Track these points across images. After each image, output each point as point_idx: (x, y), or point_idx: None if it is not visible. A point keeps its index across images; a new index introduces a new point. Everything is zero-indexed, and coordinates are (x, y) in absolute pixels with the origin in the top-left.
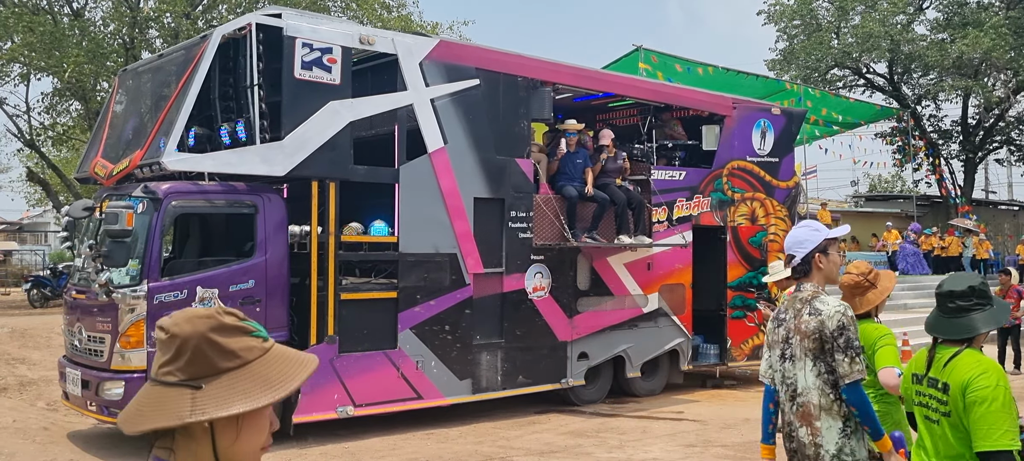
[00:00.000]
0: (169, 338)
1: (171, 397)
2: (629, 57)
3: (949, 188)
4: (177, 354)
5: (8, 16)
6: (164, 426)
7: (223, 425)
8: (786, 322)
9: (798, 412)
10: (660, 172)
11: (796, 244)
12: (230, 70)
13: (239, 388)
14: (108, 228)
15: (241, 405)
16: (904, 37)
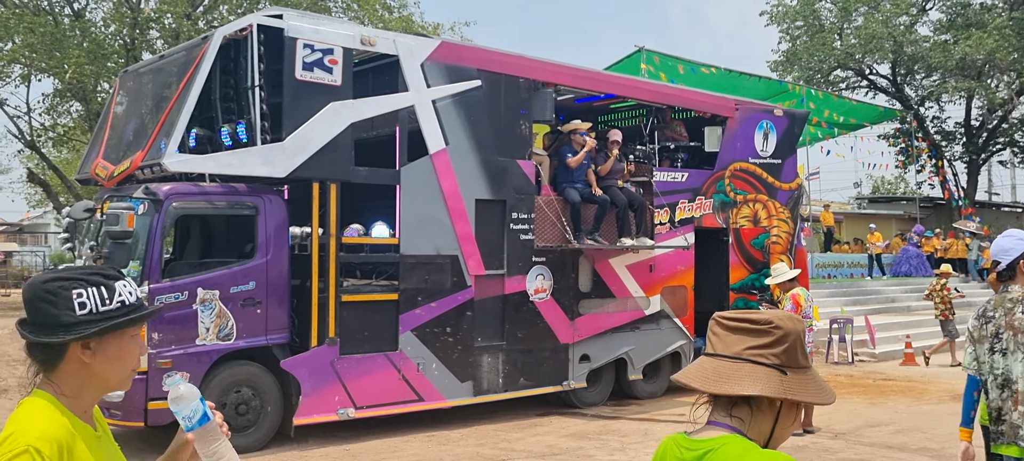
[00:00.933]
0: (772, 328)
1: (764, 374)
2: (631, 58)
3: (952, 190)
4: (776, 342)
5: (9, 17)
6: (762, 394)
7: (787, 409)
8: (995, 319)
9: (1011, 398)
10: (662, 173)
11: (1002, 252)
12: (231, 71)
13: (810, 385)
14: (109, 229)
15: (813, 397)
16: (907, 38)
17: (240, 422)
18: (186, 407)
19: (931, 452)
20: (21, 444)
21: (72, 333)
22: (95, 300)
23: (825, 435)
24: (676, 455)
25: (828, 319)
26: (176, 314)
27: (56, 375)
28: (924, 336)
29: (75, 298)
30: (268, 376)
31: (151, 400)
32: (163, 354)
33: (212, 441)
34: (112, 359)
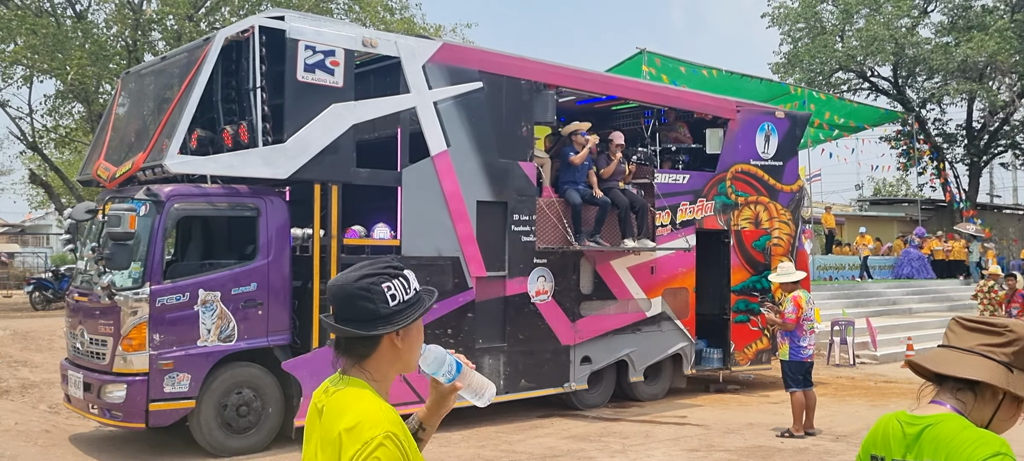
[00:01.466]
0: (1007, 331)
1: (992, 367)
2: (632, 60)
3: (953, 192)
4: (1008, 343)
5: (11, 18)
6: (987, 381)
7: (1008, 403)
8: None
9: None
10: (663, 175)
11: None
12: (232, 73)
13: None
14: (111, 230)
15: None
16: (909, 40)
17: (241, 423)
18: (443, 365)
19: None
20: (378, 432)
21: (391, 324)
22: (401, 291)
23: (827, 437)
24: (897, 429)
25: (829, 321)
26: (177, 315)
27: (369, 363)
28: (925, 338)
29: (387, 292)
30: (269, 377)
31: (152, 401)
32: (164, 355)
33: (471, 379)
34: (413, 343)
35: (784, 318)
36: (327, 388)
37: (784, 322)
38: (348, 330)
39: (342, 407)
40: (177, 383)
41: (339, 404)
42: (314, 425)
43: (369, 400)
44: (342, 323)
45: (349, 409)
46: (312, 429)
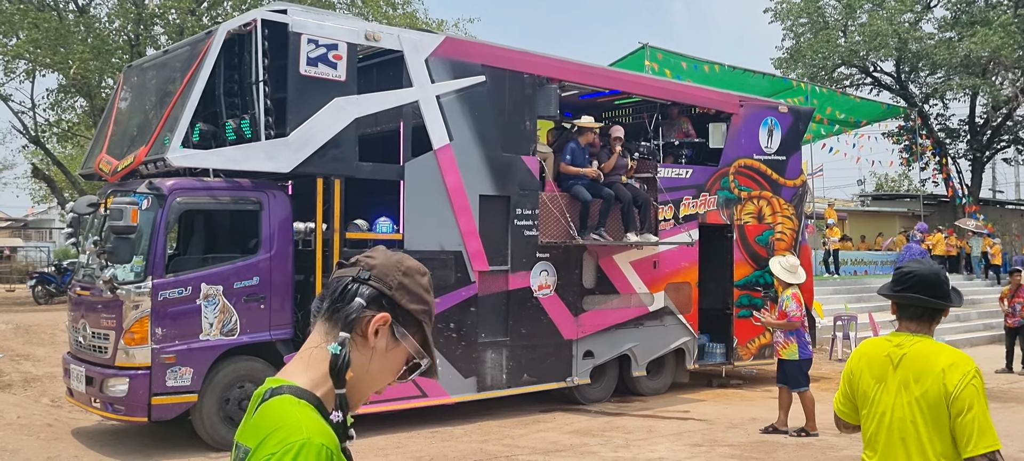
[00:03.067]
0: None
1: None
2: (635, 55)
3: (956, 187)
4: None
5: (13, 12)
6: None
7: None
8: None
9: None
10: (666, 170)
11: None
12: (235, 66)
13: None
14: (113, 224)
15: None
16: (912, 35)
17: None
18: None
19: None
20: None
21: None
22: None
23: (830, 432)
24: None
25: (832, 316)
26: (180, 309)
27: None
28: None
29: None
30: (272, 372)
31: (154, 395)
32: (167, 349)
33: None
34: None
35: (790, 317)
36: (899, 341)
37: (791, 321)
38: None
39: (930, 352)
40: (179, 377)
41: (925, 350)
42: (887, 369)
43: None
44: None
45: (940, 352)
46: (884, 371)
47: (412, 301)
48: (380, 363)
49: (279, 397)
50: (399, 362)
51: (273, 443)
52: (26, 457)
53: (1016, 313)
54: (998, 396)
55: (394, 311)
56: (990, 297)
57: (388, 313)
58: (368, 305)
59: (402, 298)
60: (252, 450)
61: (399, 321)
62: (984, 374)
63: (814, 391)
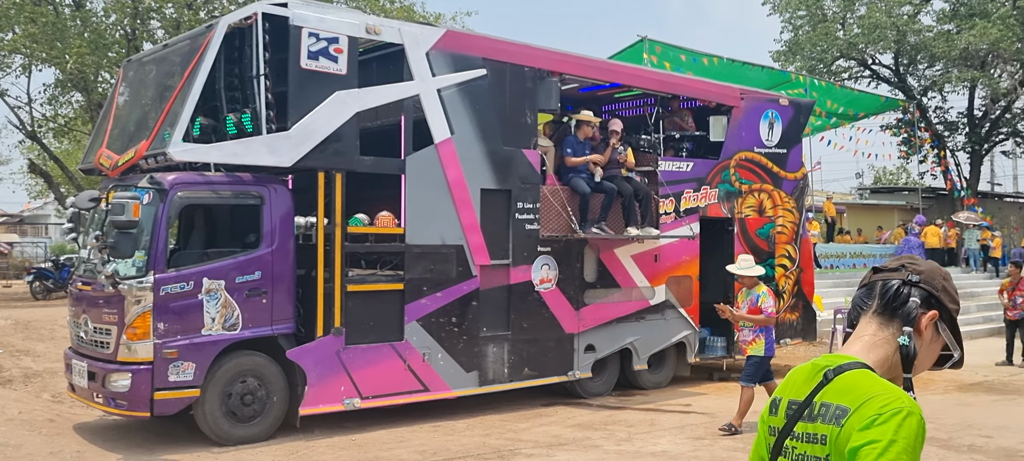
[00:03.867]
0: None
1: None
2: (634, 48)
3: (954, 180)
4: None
5: (9, 7)
6: None
7: None
8: None
9: None
10: (667, 163)
11: None
12: (235, 60)
13: None
14: (114, 219)
15: None
16: (910, 28)
17: (246, 412)
18: None
19: (939, 442)
20: None
21: None
22: None
23: None
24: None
25: (832, 309)
26: (181, 304)
27: None
28: None
29: None
30: (274, 366)
31: (157, 390)
32: (169, 344)
33: None
34: None
35: (767, 313)
36: None
37: (769, 317)
38: None
39: None
40: (182, 372)
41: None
42: None
43: None
44: None
45: None
46: None
47: (950, 301)
48: (925, 352)
49: (859, 371)
50: (936, 352)
51: (878, 404)
52: (29, 452)
53: (1016, 306)
54: (999, 389)
55: (938, 310)
56: (989, 290)
57: (936, 311)
58: (921, 304)
59: (944, 299)
60: (852, 409)
61: (942, 318)
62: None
63: None
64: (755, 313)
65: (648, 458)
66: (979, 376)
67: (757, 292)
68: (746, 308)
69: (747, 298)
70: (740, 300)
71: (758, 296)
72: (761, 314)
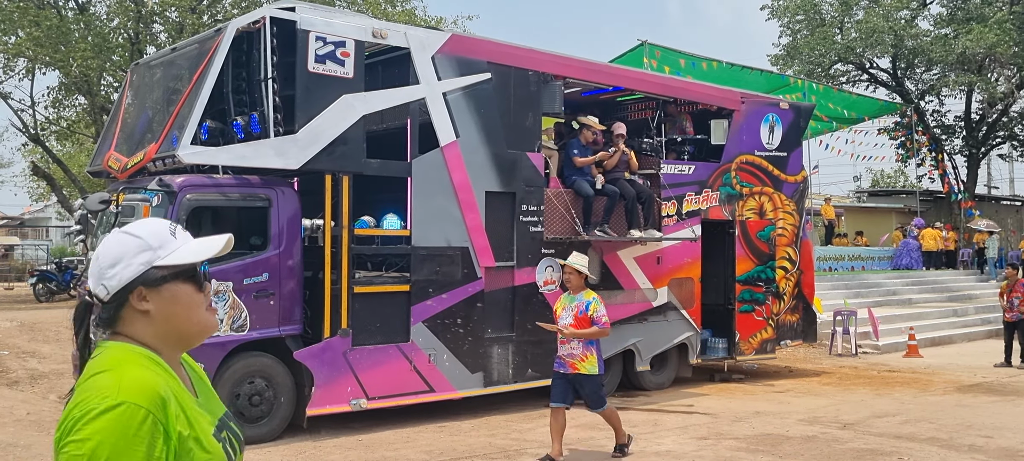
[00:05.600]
0: None
1: None
2: (634, 52)
3: (952, 183)
4: None
5: (13, 10)
6: None
7: None
8: None
9: None
10: (669, 166)
11: None
12: (243, 63)
13: None
14: (124, 221)
15: None
16: (908, 32)
17: (253, 413)
18: None
19: (940, 442)
20: None
21: None
22: None
23: (834, 425)
24: None
25: (832, 311)
26: None
27: None
28: (927, 328)
29: None
30: (281, 367)
31: None
32: None
33: None
34: None
35: (601, 324)
36: None
37: (603, 328)
38: None
39: None
40: None
41: None
42: None
43: None
44: None
45: None
46: None
47: None
48: None
49: None
50: None
51: None
52: (39, 453)
53: (1014, 307)
54: (998, 390)
55: None
56: (986, 292)
57: None
58: None
59: None
60: None
61: None
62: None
63: (816, 385)
64: (585, 324)
65: (652, 458)
66: (978, 377)
67: (586, 298)
68: (570, 317)
69: (571, 305)
70: (559, 308)
71: (587, 303)
72: (593, 326)
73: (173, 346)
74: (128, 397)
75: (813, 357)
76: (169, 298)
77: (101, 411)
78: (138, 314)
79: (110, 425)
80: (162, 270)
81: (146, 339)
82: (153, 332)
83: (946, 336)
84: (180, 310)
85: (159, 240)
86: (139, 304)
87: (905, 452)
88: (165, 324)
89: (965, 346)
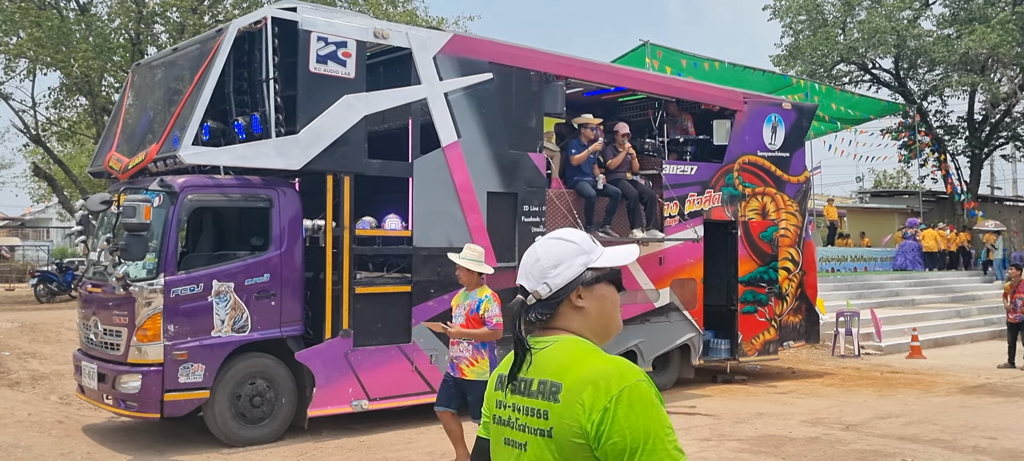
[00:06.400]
0: None
1: None
2: (636, 52)
3: (954, 184)
4: None
5: (14, 11)
6: None
7: None
8: None
9: None
10: (671, 167)
11: None
12: (245, 64)
13: None
14: (126, 221)
15: None
16: (910, 32)
17: (255, 414)
18: None
19: (944, 443)
20: None
21: None
22: None
23: (837, 426)
24: None
25: (834, 312)
26: (191, 306)
27: None
28: (930, 329)
29: None
30: (282, 368)
31: (167, 392)
32: (179, 346)
33: None
34: None
35: (493, 324)
36: None
37: (495, 329)
38: None
39: None
40: (191, 373)
41: None
42: None
43: None
44: None
45: None
46: None
47: None
48: None
49: None
50: None
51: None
52: (40, 454)
53: (1017, 309)
54: (1001, 391)
55: None
56: (990, 293)
57: None
58: None
59: None
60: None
61: None
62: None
63: (819, 386)
64: (476, 324)
65: None
66: (982, 378)
67: (479, 296)
68: (462, 316)
69: (464, 302)
70: (454, 305)
71: (479, 301)
72: (484, 326)
73: (597, 339)
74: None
75: (816, 358)
76: (599, 297)
77: (642, 376)
78: (574, 310)
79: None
80: (595, 272)
81: (581, 332)
82: (585, 326)
83: (949, 337)
84: (607, 308)
85: (589, 246)
86: (577, 301)
87: (908, 453)
88: (595, 320)
89: (968, 347)
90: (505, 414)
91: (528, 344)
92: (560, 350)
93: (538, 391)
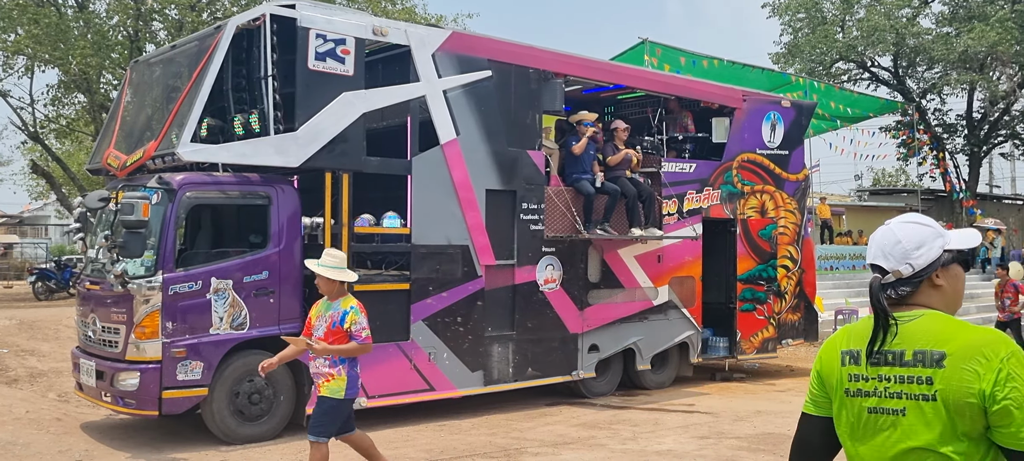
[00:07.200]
0: None
1: None
2: (635, 50)
3: (953, 182)
4: None
5: (12, 8)
6: None
7: None
8: None
9: None
10: (670, 164)
11: None
12: (243, 61)
13: None
14: (124, 219)
15: None
16: (909, 31)
17: (253, 411)
18: None
19: None
20: None
21: None
22: None
23: None
24: None
25: (833, 310)
26: (190, 304)
27: None
28: None
29: None
30: (281, 366)
31: (165, 389)
32: (177, 343)
33: None
34: None
35: (362, 338)
36: None
37: (364, 344)
38: None
39: None
40: (190, 371)
41: None
42: None
43: None
44: None
45: None
46: None
47: None
48: None
49: None
50: None
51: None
52: (37, 451)
53: (1006, 308)
54: None
55: None
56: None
57: None
58: None
59: None
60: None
61: None
62: None
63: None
64: (341, 339)
65: (653, 457)
66: None
67: (343, 307)
68: (322, 328)
69: (326, 314)
70: (313, 316)
71: (344, 314)
72: (351, 342)
73: (950, 312)
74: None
75: (814, 356)
76: (953, 276)
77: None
78: (933, 288)
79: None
80: (950, 253)
81: (938, 307)
82: (941, 302)
83: None
84: (959, 286)
85: (941, 229)
86: (936, 280)
87: None
88: (949, 297)
89: None
90: (869, 386)
91: (894, 317)
92: (931, 322)
93: (916, 360)
